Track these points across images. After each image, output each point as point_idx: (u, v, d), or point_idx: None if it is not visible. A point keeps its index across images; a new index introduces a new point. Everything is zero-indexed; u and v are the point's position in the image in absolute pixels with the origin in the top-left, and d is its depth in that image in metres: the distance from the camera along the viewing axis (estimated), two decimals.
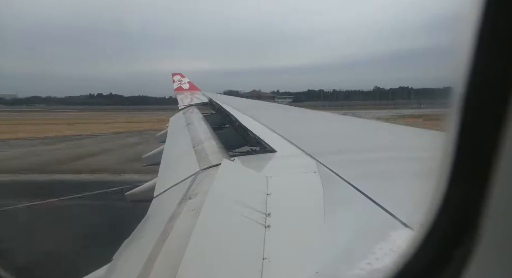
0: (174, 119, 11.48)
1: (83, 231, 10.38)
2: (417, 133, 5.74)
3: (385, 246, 1.71)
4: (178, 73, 24.63)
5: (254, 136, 5.56)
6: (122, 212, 7.85)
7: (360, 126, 7.21)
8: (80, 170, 20.54)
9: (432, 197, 0.99)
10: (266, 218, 2.23)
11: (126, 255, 2.29)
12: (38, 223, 11.19)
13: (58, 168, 21.11)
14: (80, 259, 6.72)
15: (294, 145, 4.36)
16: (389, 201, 2.23)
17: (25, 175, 19.72)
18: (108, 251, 2.47)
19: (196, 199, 2.76)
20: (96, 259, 2.55)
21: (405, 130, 6.22)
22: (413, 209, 2.01)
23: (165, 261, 1.85)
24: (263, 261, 1.75)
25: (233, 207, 2.38)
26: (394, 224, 1.94)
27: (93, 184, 16.87)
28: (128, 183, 12.34)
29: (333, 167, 3.14)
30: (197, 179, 3.49)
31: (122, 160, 23.04)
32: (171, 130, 9.14)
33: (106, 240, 4.02)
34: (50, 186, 17.33)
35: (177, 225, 2.31)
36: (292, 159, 3.84)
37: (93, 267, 2.45)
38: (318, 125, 7.70)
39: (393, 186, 2.72)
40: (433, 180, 0.99)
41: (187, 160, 4.58)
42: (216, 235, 2.06)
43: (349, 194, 2.51)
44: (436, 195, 0.98)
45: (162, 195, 3.57)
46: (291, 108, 13.70)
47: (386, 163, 3.52)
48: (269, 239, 1.97)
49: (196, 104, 14.56)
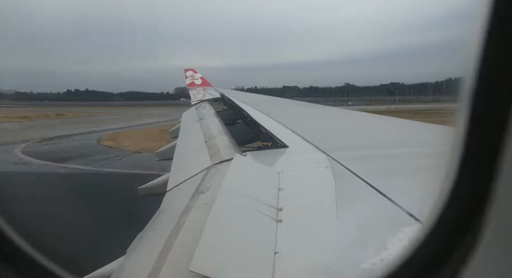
0: (187, 114, 11.55)
1: None
2: (429, 129, 5.66)
3: (396, 241, 1.70)
4: (191, 69, 24.71)
5: (266, 132, 5.56)
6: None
7: (372, 122, 7.15)
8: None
9: (439, 192, 0.99)
10: (278, 213, 2.24)
11: (140, 248, 2.32)
12: None
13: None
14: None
15: (306, 140, 4.35)
16: (402, 196, 2.21)
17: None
18: None
19: (209, 193, 2.78)
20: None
21: (417, 126, 6.14)
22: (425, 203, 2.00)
23: (178, 254, 1.88)
24: (275, 255, 1.76)
25: (245, 201, 2.40)
26: (406, 219, 1.93)
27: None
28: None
29: (345, 162, 3.12)
30: (209, 173, 3.51)
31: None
32: (184, 126, 9.20)
33: None
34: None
35: (190, 219, 2.34)
36: (304, 154, 3.83)
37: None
38: (330, 121, 7.65)
39: (406, 181, 2.70)
40: (441, 175, 0.99)
41: (199, 155, 4.61)
42: (228, 229, 2.08)
43: (361, 189, 2.50)
44: (442, 190, 0.98)
45: (174, 189, 3.61)
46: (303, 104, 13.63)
47: (398, 158, 3.49)
48: (281, 233, 1.98)
49: (208, 99, 14.61)
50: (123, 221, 9.09)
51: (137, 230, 2.58)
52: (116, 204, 12.22)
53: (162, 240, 2.11)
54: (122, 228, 4.51)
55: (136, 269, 2.04)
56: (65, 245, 7.57)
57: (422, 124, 6.12)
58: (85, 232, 9.78)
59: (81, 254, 6.89)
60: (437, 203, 1.00)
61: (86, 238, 9.40)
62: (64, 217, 10.72)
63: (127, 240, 2.45)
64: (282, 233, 1.98)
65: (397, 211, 2.04)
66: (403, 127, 6.05)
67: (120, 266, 2.21)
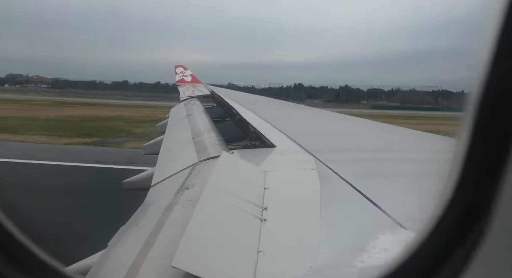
0: (175, 110, 11.47)
1: None
2: (419, 135, 5.75)
3: (378, 244, 1.72)
4: (181, 66, 24.61)
5: (254, 131, 5.56)
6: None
7: (362, 126, 7.22)
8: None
9: (437, 198, 0.99)
10: (263, 212, 2.24)
11: (121, 241, 2.30)
12: None
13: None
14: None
15: (294, 141, 4.36)
16: (386, 201, 2.24)
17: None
18: None
19: (194, 189, 2.77)
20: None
21: (406, 132, 6.22)
22: (409, 209, 2.02)
23: (160, 250, 1.87)
24: (258, 254, 1.76)
25: (230, 199, 2.39)
26: (389, 223, 1.95)
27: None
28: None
29: (331, 165, 3.15)
30: (195, 169, 3.49)
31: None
32: (171, 121, 9.14)
33: None
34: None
35: (174, 215, 2.32)
36: (291, 155, 3.85)
37: None
38: (319, 123, 7.70)
39: (392, 187, 2.73)
40: (438, 181, 0.99)
41: (186, 151, 4.59)
42: (212, 226, 2.07)
43: (346, 192, 2.52)
44: (441, 196, 0.97)
45: (159, 184, 3.58)
46: (293, 105, 13.69)
47: (385, 163, 3.53)
48: (264, 232, 1.98)
49: (197, 96, 14.55)
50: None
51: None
52: None
53: (144, 235, 2.09)
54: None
55: (117, 262, 2.02)
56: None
57: (414, 131, 6.21)
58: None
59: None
60: (432, 211, 1.00)
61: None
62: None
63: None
64: (266, 232, 1.99)
65: (380, 215, 2.07)
66: (394, 132, 6.12)
67: (101, 259, 2.18)
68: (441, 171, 1.01)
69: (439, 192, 0.99)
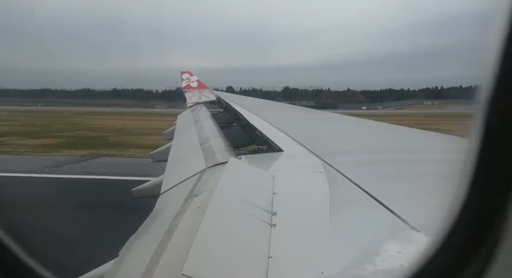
0: (182, 116, 11.52)
1: None
2: (428, 136, 5.69)
3: (390, 248, 1.70)
4: (187, 72, 24.75)
5: (262, 135, 5.56)
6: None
7: (368, 128, 7.17)
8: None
9: (451, 199, 0.97)
10: (272, 217, 2.23)
11: (132, 250, 2.30)
12: None
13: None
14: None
15: (301, 145, 4.35)
16: (398, 203, 2.21)
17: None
18: None
19: (202, 196, 2.77)
20: None
21: (414, 132, 6.16)
22: (420, 211, 2.00)
23: (171, 258, 1.86)
24: (269, 259, 1.75)
25: (239, 205, 2.38)
26: (401, 226, 1.92)
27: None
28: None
29: (340, 168, 3.13)
30: (204, 176, 3.49)
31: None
32: (179, 128, 9.18)
33: None
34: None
35: (183, 222, 2.32)
36: (299, 159, 3.83)
37: None
38: (325, 126, 7.67)
39: (403, 189, 2.70)
40: (451, 182, 0.98)
41: (194, 158, 4.59)
42: (222, 233, 2.07)
43: (356, 195, 2.50)
44: (455, 197, 0.95)
45: (168, 191, 3.59)
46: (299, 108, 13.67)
47: (395, 165, 3.50)
48: (274, 238, 1.97)
49: (204, 102, 14.61)
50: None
51: None
52: None
53: (155, 243, 2.09)
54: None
55: (128, 271, 2.02)
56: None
57: (422, 132, 6.14)
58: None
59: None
60: (446, 213, 0.98)
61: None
62: None
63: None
64: (276, 237, 1.97)
65: (391, 218, 2.04)
66: (402, 133, 6.07)
67: (112, 268, 2.19)
68: (453, 172, 0.99)
69: (453, 193, 0.98)
